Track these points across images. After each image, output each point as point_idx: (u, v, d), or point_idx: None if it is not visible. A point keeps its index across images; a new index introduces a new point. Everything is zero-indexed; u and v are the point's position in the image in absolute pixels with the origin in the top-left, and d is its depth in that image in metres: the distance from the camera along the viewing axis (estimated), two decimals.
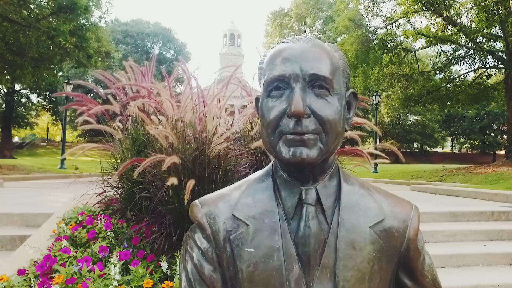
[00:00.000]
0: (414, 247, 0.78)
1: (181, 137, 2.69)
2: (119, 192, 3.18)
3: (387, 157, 2.41)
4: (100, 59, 15.19)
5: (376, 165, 15.14)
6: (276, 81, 0.73)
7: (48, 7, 13.63)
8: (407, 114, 41.18)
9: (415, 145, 46.12)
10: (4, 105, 29.67)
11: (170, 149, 2.61)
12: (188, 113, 2.79)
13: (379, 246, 0.74)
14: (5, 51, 13.45)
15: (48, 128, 41.97)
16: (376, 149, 2.60)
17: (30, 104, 33.78)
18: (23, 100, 32.69)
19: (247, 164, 3.02)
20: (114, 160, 3.25)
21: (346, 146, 2.99)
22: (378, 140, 19.28)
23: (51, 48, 13.52)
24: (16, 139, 40.59)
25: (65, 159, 14.86)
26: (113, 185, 3.18)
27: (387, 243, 0.75)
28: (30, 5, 13.59)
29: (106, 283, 1.96)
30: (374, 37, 15.78)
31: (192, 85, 3.00)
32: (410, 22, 15.38)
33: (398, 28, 15.46)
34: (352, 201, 0.77)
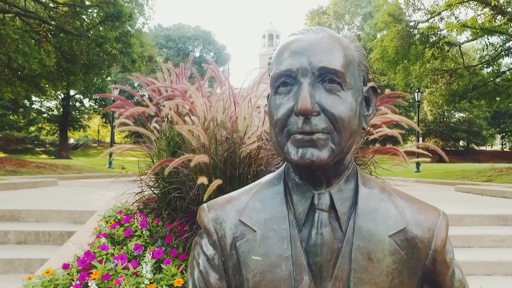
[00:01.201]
0: (441, 260, 0.69)
1: (212, 137, 2.72)
2: (156, 192, 3.29)
3: (430, 155, 2.26)
4: (144, 63, 15.87)
5: (418, 164, 14.42)
6: (283, 76, 0.67)
7: (97, 16, 14.49)
8: (452, 111, 38.83)
9: (461, 143, 43.49)
10: (61, 109, 31.99)
11: (202, 149, 2.65)
12: (219, 113, 2.82)
13: (400, 257, 0.67)
14: (61, 59, 14.50)
15: (99, 130, 44.61)
16: (418, 147, 2.46)
17: (83, 108, 36.02)
18: (77, 104, 34.93)
19: (280, 164, 2.99)
20: (151, 160, 3.36)
21: (375, 145, 2.86)
22: (420, 138, 18.36)
23: (100, 54, 14.32)
24: (71, 140, 43.58)
25: (113, 159, 15.70)
26: (149, 185, 3.29)
27: (409, 255, 0.67)
28: (83, 16, 14.55)
29: (138, 280, 2.02)
30: (415, 32, 15.01)
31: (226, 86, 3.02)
32: (454, 14, 14.43)
33: (441, 21, 14.59)
34: (370, 207, 0.69)
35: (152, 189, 3.28)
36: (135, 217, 2.85)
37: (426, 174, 13.66)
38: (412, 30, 15.14)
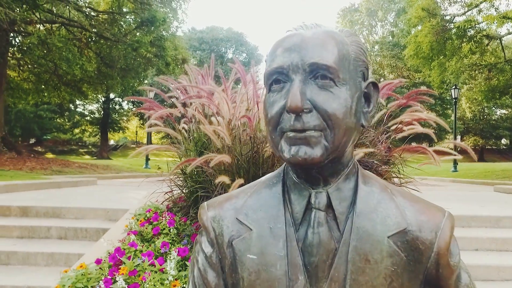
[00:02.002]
0: (444, 263, 0.66)
1: (236, 137, 2.75)
2: (184, 191, 3.36)
3: (456, 154, 2.15)
4: (177, 66, 16.32)
5: (455, 163, 13.72)
6: (275, 73, 0.66)
7: (133, 22, 15.10)
8: (493, 108, 36.39)
9: (502, 141, 40.71)
10: (102, 112, 33.64)
11: (227, 149, 2.68)
12: (243, 113, 2.83)
13: (399, 259, 0.64)
14: (101, 64, 15.27)
15: (137, 131, 46.40)
16: (455, 146, 2.34)
17: (122, 111, 37.59)
18: (116, 107, 36.53)
19: None
20: (180, 161, 3.44)
21: (405, 143, 2.75)
22: (459, 136, 17.41)
23: (136, 58, 14.90)
24: (111, 142, 45.69)
25: (149, 159, 16.28)
26: (178, 184, 3.38)
27: (409, 257, 0.64)
28: (120, 22, 15.23)
29: (163, 277, 2.08)
30: (451, 26, 14.27)
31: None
32: (493, 6, 13.57)
33: (479, 13, 13.74)
34: (369, 206, 0.67)
35: (181, 188, 3.37)
36: (164, 216, 2.93)
37: (464, 174, 13.01)
38: (447, 24, 14.43)
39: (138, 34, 14.35)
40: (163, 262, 2.36)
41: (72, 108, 33.15)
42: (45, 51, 13.19)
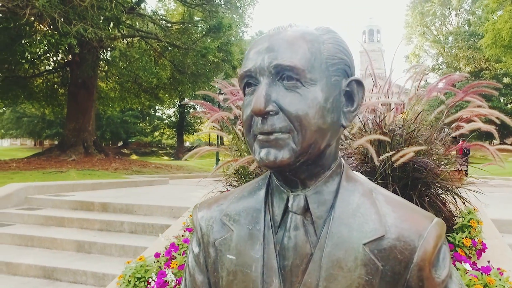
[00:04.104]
0: (426, 276, 0.60)
1: None
2: None
3: None
4: None
5: None
6: (245, 77, 0.66)
7: (202, 30, 15.95)
8: None
9: None
10: (178, 115, 36.09)
11: None
12: None
13: (374, 269, 0.60)
14: (174, 71, 16.43)
15: (210, 134, 48.73)
16: None
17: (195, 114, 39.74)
18: (191, 110, 38.83)
19: (354, 164, 2.85)
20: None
21: (465, 140, 2.46)
22: None
23: (205, 64, 15.70)
24: (187, 143, 48.63)
25: (219, 160, 16.98)
26: (233, 184, 3.50)
27: (387, 267, 0.60)
28: (191, 31, 16.22)
29: None
30: None
31: None
32: None
33: None
34: (347, 211, 0.64)
35: (234, 187, 3.48)
36: None
37: None
38: None
39: (210, 40, 15.10)
40: None
41: (152, 113, 36.10)
42: (127, 63, 14.62)
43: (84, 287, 3.46)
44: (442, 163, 2.50)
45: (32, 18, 11.08)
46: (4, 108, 26.27)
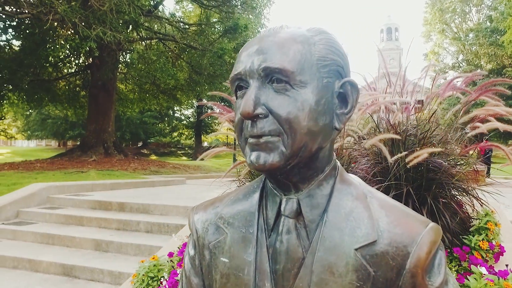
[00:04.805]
0: (418, 283, 0.59)
1: None
2: None
3: None
4: None
5: None
6: (236, 80, 0.66)
7: (218, 31, 16.06)
8: None
9: None
10: (196, 116, 36.50)
11: None
12: None
13: (366, 274, 0.59)
14: (191, 72, 16.62)
15: (227, 135, 49.03)
16: None
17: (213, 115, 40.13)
18: (208, 111, 39.22)
19: (367, 165, 2.81)
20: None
21: (481, 140, 2.38)
22: None
23: (222, 65, 15.80)
24: (205, 144, 49.07)
25: (236, 160, 17.06)
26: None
27: (379, 273, 0.59)
28: (208, 32, 16.37)
29: None
30: None
31: None
32: None
33: None
34: (340, 215, 0.63)
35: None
36: None
37: None
38: None
39: (226, 41, 15.18)
40: None
41: (171, 114, 36.63)
42: (145, 64, 14.90)
43: (101, 285, 3.55)
44: (458, 163, 2.43)
45: (55, 24, 11.43)
46: (30, 111, 27.29)
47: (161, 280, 2.56)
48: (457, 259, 2.17)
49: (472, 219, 2.39)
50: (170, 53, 15.86)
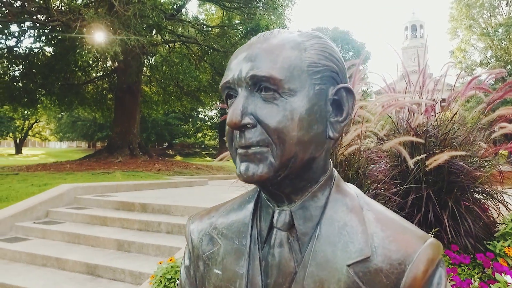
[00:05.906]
0: None
1: None
2: None
3: None
4: None
5: None
6: (225, 89, 0.64)
7: (240, 33, 16.15)
8: None
9: None
10: (220, 117, 36.92)
11: None
12: None
13: None
14: (214, 74, 16.79)
15: None
16: None
17: None
18: None
19: (386, 167, 2.73)
20: None
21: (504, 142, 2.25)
22: None
23: None
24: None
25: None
26: None
27: None
28: (229, 34, 16.51)
29: None
30: None
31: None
32: None
33: None
34: (333, 229, 0.60)
35: None
36: None
37: None
38: None
39: (247, 42, 15.21)
40: None
41: (195, 115, 37.20)
42: (169, 67, 15.20)
43: (122, 284, 3.64)
44: (482, 165, 2.32)
45: (83, 29, 11.87)
46: (61, 114, 28.47)
47: (177, 282, 2.59)
48: (480, 266, 2.08)
49: (497, 224, 2.28)
50: (192, 55, 16.09)
